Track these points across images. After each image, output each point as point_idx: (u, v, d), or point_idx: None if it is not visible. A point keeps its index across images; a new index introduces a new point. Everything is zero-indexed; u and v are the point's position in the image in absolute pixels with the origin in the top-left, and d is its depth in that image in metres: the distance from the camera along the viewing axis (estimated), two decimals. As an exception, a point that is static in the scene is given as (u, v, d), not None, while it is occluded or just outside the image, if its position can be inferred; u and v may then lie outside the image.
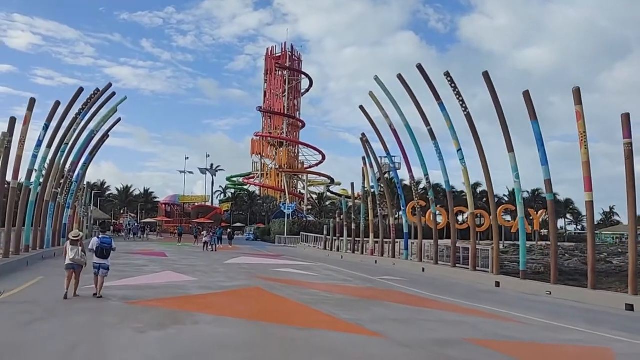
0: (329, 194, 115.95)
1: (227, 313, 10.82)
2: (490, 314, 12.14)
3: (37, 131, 22.66)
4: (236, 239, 50.39)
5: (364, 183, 34.43)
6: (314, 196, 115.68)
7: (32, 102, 19.54)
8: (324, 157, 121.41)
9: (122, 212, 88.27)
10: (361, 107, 27.99)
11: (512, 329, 10.36)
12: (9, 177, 18.82)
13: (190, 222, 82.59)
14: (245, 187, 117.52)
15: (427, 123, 23.04)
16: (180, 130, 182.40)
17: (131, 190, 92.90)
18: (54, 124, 23.44)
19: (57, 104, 22.40)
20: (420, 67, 21.65)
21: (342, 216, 39.34)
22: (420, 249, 26.31)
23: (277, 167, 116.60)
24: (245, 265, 24.74)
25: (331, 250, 39.88)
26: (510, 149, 18.72)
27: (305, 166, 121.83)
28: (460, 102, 20.17)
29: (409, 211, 37.83)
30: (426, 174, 25.10)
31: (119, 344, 7.77)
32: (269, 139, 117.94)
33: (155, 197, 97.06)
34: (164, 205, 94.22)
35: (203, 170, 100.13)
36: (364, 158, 32.65)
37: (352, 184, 37.40)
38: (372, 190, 33.93)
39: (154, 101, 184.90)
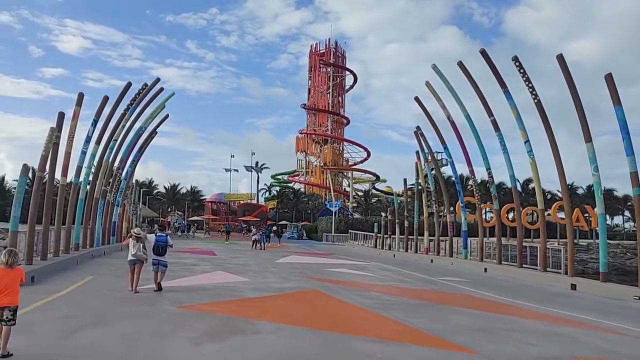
0: (374, 191, 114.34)
1: (289, 320, 9.78)
2: (585, 324, 10.70)
3: (84, 129, 22.31)
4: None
5: (417, 178, 32.98)
6: (359, 193, 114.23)
7: (81, 96, 19.05)
8: (369, 154, 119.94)
9: (169, 210, 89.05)
10: (416, 99, 26.62)
11: (619, 342, 8.96)
12: (57, 174, 18.33)
13: (237, 220, 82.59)
14: (290, 184, 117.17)
15: (490, 114, 21.57)
16: (224, 129, 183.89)
17: (178, 189, 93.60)
18: (102, 121, 23.07)
19: (106, 99, 21.94)
20: (484, 52, 20.17)
21: (389, 213, 38.04)
22: (481, 247, 24.77)
23: (322, 164, 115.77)
24: (296, 264, 23.78)
25: (382, 248, 38.60)
26: (588, 138, 17.06)
27: (350, 163, 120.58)
28: (530, 89, 18.59)
29: (458, 208, 36.33)
30: (488, 168, 23.49)
31: (173, 358, 6.82)
32: (314, 136, 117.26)
33: (202, 196, 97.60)
34: (210, 203, 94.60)
35: (249, 168, 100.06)
36: (417, 152, 31.25)
37: (405, 180, 36.05)
38: (427, 186, 32.44)
39: (199, 101, 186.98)
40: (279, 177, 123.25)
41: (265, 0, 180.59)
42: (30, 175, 64.13)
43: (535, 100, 18.51)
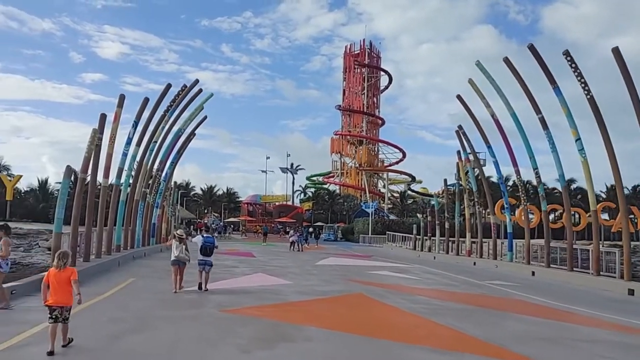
0: (410, 192, 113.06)
1: (339, 326, 9.33)
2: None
3: (124, 132, 22.36)
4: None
5: (458, 179, 32.17)
6: (395, 195, 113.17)
7: (122, 98, 19.06)
8: (404, 155, 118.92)
9: (205, 211, 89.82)
10: (459, 97, 25.89)
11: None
12: (99, 175, 18.34)
13: (273, 222, 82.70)
14: (325, 186, 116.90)
15: (538, 111, 20.73)
16: (258, 131, 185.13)
17: (215, 190, 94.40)
18: (141, 123, 23.08)
19: (146, 100, 21.95)
20: (532, 47, 19.38)
21: (428, 214, 37.27)
22: (528, 249, 23.88)
23: (357, 165, 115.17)
24: (337, 267, 23.36)
25: (421, 250, 37.86)
26: (647, 135, 16.13)
27: (385, 164, 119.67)
28: (582, 85, 17.72)
29: (498, 209, 35.43)
30: (535, 168, 22.59)
31: (224, 368, 6.48)
32: (349, 137, 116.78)
33: (238, 197, 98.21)
34: (246, 205, 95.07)
35: (284, 170, 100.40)
36: (458, 152, 30.45)
37: (445, 180, 35.22)
38: (469, 186, 31.60)
39: (234, 103, 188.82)
40: (314, 178, 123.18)
41: (298, 2, 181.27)
42: (72, 177, 65.36)
43: (588, 96, 17.63)
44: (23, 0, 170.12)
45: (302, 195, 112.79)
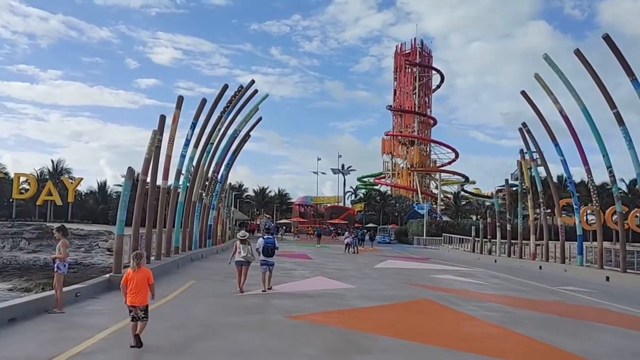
0: (463, 193, 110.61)
1: (413, 336, 8.70)
2: None
3: (181, 134, 22.34)
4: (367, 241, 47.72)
5: (521, 179, 30.82)
6: (448, 196, 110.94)
7: (180, 100, 18.99)
8: (457, 155, 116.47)
9: (257, 213, 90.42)
10: (523, 93, 24.70)
11: None
12: (157, 177, 18.31)
13: (324, 223, 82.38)
14: (376, 187, 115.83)
15: (613, 106, 19.44)
16: (307, 133, 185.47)
17: (267, 192, 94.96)
18: (198, 125, 23.02)
19: (204, 101, 21.89)
20: (607, 38, 18.17)
21: (488, 216, 35.97)
22: (601, 253, 22.49)
23: (409, 166, 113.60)
24: (397, 270, 22.67)
25: (481, 253, 36.55)
26: None
27: (437, 165, 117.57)
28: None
29: (559, 210, 33.78)
30: (609, 167, 21.19)
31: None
32: (400, 137, 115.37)
33: (289, 199, 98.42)
34: (297, 206, 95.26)
35: (335, 171, 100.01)
36: (521, 151, 29.16)
37: (506, 180, 33.86)
38: (532, 186, 30.21)
39: (283, 106, 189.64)
40: (365, 179, 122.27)
41: (347, 4, 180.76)
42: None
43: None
44: (82, 10, 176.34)
45: (353, 196, 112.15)
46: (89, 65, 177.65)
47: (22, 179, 64.49)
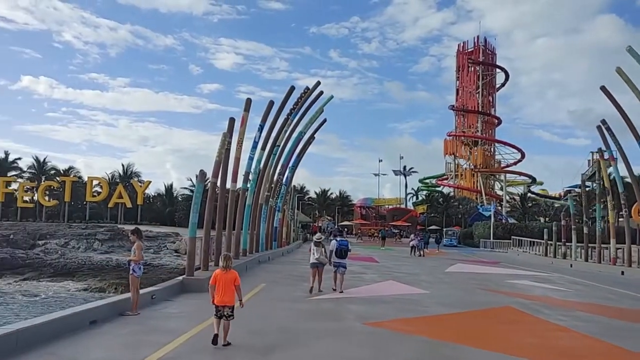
0: (530, 194, 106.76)
1: (505, 349, 8.08)
2: None
3: (249, 137, 22.36)
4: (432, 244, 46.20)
5: (600, 180, 29.20)
6: (515, 197, 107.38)
7: (248, 102, 18.95)
8: (523, 155, 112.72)
9: (318, 215, 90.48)
10: (602, 88, 23.34)
11: None
12: (228, 179, 18.33)
13: (387, 225, 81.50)
14: (438, 188, 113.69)
15: None
16: (366, 135, 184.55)
17: (328, 194, 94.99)
18: (264, 128, 23.01)
19: (271, 103, 21.85)
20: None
21: (547, 217, 34.31)
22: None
23: (472, 167, 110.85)
24: (469, 274, 21.84)
25: (554, 256, 34.95)
26: None
27: (502, 165, 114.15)
28: None
29: (635, 211, 31.95)
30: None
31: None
32: (463, 138, 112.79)
33: (351, 201, 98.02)
34: (359, 208, 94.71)
35: (397, 172, 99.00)
36: (600, 149, 27.62)
37: (583, 181, 32.17)
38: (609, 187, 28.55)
39: (342, 108, 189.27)
40: (427, 180, 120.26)
41: (405, 4, 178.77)
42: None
43: None
44: (149, 19, 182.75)
45: (415, 198, 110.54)
46: (154, 72, 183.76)
47: (94, 182, 67.44)
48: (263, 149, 22.71)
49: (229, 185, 18.46)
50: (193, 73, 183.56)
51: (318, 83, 25.75)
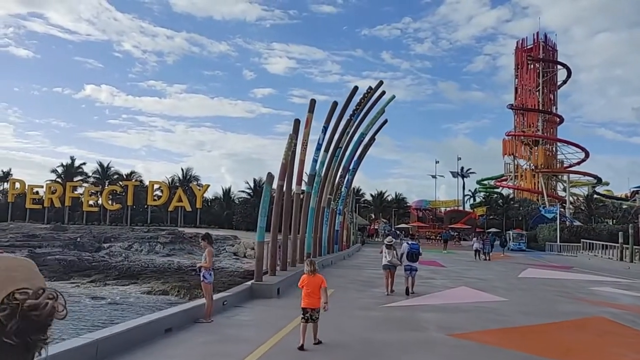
0: (596, 195, 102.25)
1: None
2: None
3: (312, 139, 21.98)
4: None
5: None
6: (578, 198, 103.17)
7: (313, 103, 18.59)
8: (587, 155, 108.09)
9: (373, 217, 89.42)
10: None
11: None
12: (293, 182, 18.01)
13: (444, 227, 79.73)
14: (497, 190, 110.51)
15: None
16: (420, 136, 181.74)
17: (385, 196, 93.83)
18: (327, 129, 22.62)
19: (335, 104, 21.41)
20: None
21: (615, 219, 32.32)
22: None
23: (533, 167, 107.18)
24: (545, 280, 20.67)
25: (631, 261, 33.00)
26: None
27: (564, 165, 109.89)
28: None
29: None
30: None
31: None
32: (522, 137, 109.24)
33: (407, 203, 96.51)
34: (415, 211, 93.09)
35: (455, 174, 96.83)
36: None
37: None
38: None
39: (395, 109, 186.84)
40: (485, 182, 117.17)
41: (458, 3, 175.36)
42: (252, 184, 68.19)
43: None
44: (203, 26, 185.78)
45: (472, 200, 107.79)
46: (209, 78, 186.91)
47: (155, 186, 69.02)
48: (326, 150, 22.29)
49: (293, 187, 18.14)
50: (247, 78, 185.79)
51: (380, 83, 25.20)
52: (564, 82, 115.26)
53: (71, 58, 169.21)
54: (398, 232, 71.42)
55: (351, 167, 29.64)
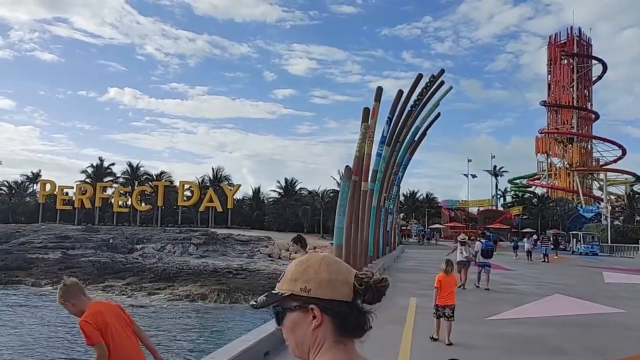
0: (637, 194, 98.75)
1: None
2: None
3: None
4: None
5: None
6: (618, 197, 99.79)
7: (379, 91, 16.83)
8: (624, 152, 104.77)
9: (404, 218, 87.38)
10: None
11: None
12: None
13: (478, 228, 77.36)
14: (530, 189, 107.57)
15: None
16: (442, 135, 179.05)
17: (417, 196, 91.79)
18: (389, 122, 20.86)
19: (400, 93, 19.65)
20: None
21: None
22: None
23: (567, 165, 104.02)
24: (635, 285, 18.68)
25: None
26: None
27: (600, 163, 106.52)
28: None
29: None
30: None
31: None
32: (556, 135, 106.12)
33: (438, 203, 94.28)
34: (447, 210, 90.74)
35: (490, 172, 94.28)
36: None
37: None
38: None
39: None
40: (517, 181, 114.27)
41: (479, 1, 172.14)
42: (283, 184, 66.61)
43: None
44: (225, 29, 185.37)
45: (502, 199, 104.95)
46: (231, 80, 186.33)
47: (185, 186, 67.95)
48: (388, 144, 20.50)
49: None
50: (267, 79, 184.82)
51: (442, 71, 23.36)
52: (599, 77, 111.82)
53: (95, 61, 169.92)
54: (433, 232, 69.44)
55: (404, 163, 27.80)
